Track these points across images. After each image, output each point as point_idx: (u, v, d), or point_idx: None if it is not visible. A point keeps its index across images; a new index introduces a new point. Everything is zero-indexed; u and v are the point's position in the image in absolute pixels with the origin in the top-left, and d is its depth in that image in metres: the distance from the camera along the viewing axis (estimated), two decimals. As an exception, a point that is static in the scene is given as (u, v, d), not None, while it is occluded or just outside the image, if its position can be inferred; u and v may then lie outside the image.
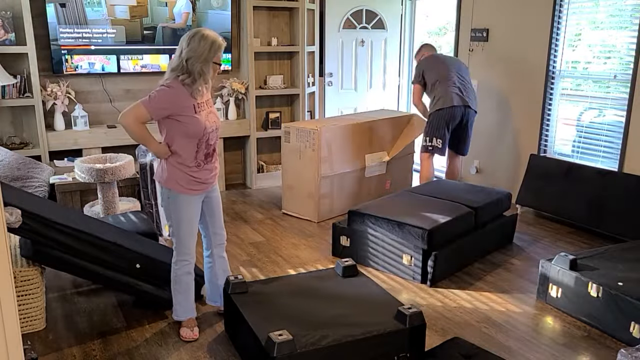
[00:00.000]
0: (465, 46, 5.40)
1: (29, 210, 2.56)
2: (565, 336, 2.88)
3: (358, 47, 6.42)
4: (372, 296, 2.73)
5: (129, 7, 4.81)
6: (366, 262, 3.74)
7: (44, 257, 2.73)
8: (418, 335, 2.48)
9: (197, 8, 5.10)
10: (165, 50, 5.07)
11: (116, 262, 2.87)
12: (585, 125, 4.52)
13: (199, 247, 2.90)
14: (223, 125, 5.36)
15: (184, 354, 2.69)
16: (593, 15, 4.37)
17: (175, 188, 2.64)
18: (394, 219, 3.53)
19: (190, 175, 2.65)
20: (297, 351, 2.22)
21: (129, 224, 3.41)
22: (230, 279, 2.76)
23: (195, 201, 2.72)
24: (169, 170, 2.64)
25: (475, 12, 5.25)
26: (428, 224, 3.42)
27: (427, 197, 4.01)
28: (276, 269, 3.68)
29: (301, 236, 4.28)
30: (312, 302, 2.66)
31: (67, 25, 4.61)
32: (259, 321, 2.44)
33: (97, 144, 4.80)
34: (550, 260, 3.20)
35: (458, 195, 4.00)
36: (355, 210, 3.78)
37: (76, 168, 3.82)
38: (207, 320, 3.01)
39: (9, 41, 4.32)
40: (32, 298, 2.81)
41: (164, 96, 2.54)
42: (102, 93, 5.02)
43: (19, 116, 4.64)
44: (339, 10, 6.21)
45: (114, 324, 2.96)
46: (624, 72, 4.17)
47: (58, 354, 2.67)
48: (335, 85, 6.42)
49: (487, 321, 3.02)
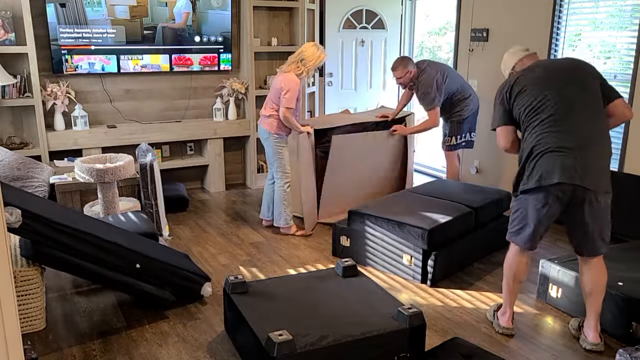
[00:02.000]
0: (465, 46, 5.40)
1: (29, 210, 2.55)
2: (565, 336, 2.88)
3: (358, 47, 6.42)
4: (372, 296, 2.73)
5: (129, 7, 4.81)
6: (366, 262, 3.74)
7: (44, 257, 2.73)
8: (418, 335, 2.48)
9: (197, 8, 5.10)
10: (165, 50, 5.07)
11: (116, 262, 2.87)
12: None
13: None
14: (223, 125, 5.38)
15: (184, 354, 2.69)
16: (593, 15, 4.37)
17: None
18: (394, 218, 3.53)
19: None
20: (297, 351, 2.22)
21: (129, 224, 3.41)
22: (230, 279, 2.76)
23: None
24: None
25: (475, 12, 5.25)
26: (428, 224, 3.42)
27: (427, 197, 4.01)
28: (276, 269, 3.68)
29: (301, 236, 4.28)
30: (312, 302, 2.66)
31: (67, 25, 4.61)
32: (259, 321, 2.44)
33: (97, 144, 4.80)
34: (550, 260, 3.21)
35: (458, 195, 4.00)
36: (355, 210, 3.78)
37: (76, 168, 3.82)
38: (207, 320, 3.01)
39: (9, 41, 4.32)
40: (32, 298, 2.81)
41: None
42: (102, 93, 5.02)
43: (19, 116, 4.64)
44: (339, 10, 6.21)
45: (114, 324, 2.96)
46: (624, 72, 4.17)
47: (58, 354, 2.67)
48: (335, 85, 6.42)
49: (487, 321, 3.02)
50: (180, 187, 5.12)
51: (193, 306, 3.16)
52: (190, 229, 4.46)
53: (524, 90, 2.64)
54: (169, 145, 5.36)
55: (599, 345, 2.70)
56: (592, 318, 2.71)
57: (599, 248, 2.63)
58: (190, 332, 2.89)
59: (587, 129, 2.53)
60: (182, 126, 5.19)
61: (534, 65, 2.74)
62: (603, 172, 2.53)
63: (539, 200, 2.57)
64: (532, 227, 2.64)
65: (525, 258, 2.78)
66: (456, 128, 4.70)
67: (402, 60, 4.55)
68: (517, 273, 2.80)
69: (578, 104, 2.56)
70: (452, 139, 4.73)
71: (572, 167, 2.47)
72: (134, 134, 4.94)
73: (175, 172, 5.37)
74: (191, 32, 5.14)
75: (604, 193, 2.54)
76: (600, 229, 2.59)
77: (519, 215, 2.69)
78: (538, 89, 2.61)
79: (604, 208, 2.57)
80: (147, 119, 5.24)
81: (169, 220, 4.53)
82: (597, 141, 2.53)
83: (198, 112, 5.50)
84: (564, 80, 2.61)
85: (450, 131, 4.73)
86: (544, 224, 2.63)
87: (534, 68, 2.71)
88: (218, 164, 5.45)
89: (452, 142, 4.74)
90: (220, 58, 5.34)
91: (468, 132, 4.73)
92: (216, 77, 5.47)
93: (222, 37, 5.29)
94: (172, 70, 5.17)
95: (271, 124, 4.10)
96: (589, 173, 2.48)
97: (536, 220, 2.61)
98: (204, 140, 5.38)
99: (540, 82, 2.63)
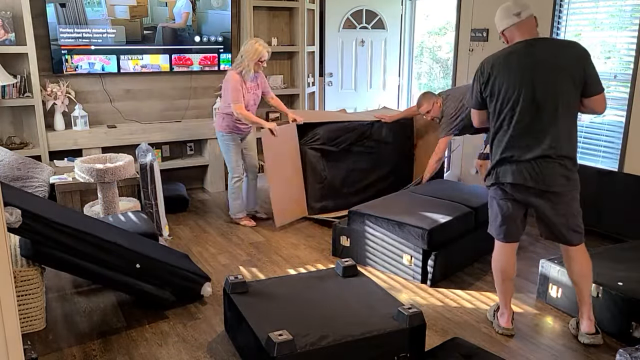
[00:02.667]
0: (465, 46, 5.40)
1: (29, 210, 2.55)
2: (565, 336, 2.88)
3: (358, 47, 6.42)
4: (372, 296, 2.73)
5: (129, 7, 4.81)
6: (366, 262, 3.74)
7: (44, 257, 2.73)
8: (418, 335, 2.48)
9: (197, 8, 5.10)
10: (165, 50, 5.07)
11: (116, 262, 2.87)
12: (585, 125, 4.51)
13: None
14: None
15: (184, 354, 2.69)
16: (593, 15, 4.37)
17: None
18: (394, 218, 3.53)
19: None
20: (297, 351, 2.22)
21: (129, 224, 3.41)
22: (230, 279, 2.76)
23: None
24: None
25: (475, 12, 5.25)
26: (428, 224, 3.42)
27: (427, 197, 4.01)
28: (276, 269, 3.68)
29: (301, 236, 4.28)
30: (312, 302, 2.66)
31: (67, 25, 4.61)
32: (259, 321, 2.44)
33: (97, 144, 4.80)
34: (550, 260, 3.21)
35: (458, 195, 4.00)
36: (355, 210, 3.78)
37: (76, 168, 3.82)
38: (207, 320, 3.01)
39: (9, 41, 4.32)
40: (32, 298, 2.81)
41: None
42: (102, 93, 5.02)
43: (19, 116, 4.64)
44: (339, 10, 6.21)
45: (114, 324, 2.96)
46: (624, 72, 4.17)
47: (58, 354, 2.67)
48: (335, 85, 6.42)
49: (487, 321, 3.02)
50: (180, 187, 5.12)
51: (193, 306, 3.16)
52: (190, 229, 4.46)
53: (496, 81, 2.60)
54: (169, 145, 5.35)
55: (595, 337, 2.73)
56: (584, 307, 2.76)
57: (571, 239, 2.70)
58: (190, 332, 2.90)
59: (553, 135, 2.54)
60: (182, 126, 5.19)
61: (516, 48, 2.58)
62: (562, 175, 2.57)
63: (499, 194, 2.72)
64: (500, 219, 2.75)
65: (508, 253, 2.81)
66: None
67: (424, 95, 4.43)
68: (504, 270, 2.82)
69: (549, 106, 2.53)
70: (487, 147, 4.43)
71: (527, 173, 2.58)
72: (134, 134, 4.94)
73: (175, 172, 5.37)
74: (191, 32, 5.14)
75: (565, 191, 2.60)
76: (566, 220, 2.66)
77: (490, 207, 2.83)
78: (511, 84, 2.56)
79: (567, 201, 2.63)
80: (147, 119, 5.24)
81: (169, 220, 4.53)
82: (560, 147, 2.55)
83: (198, 112, 5.50)
84: (541, 75, 2.52)
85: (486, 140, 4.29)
86: (511, 217, 2.72)
87: (513, 55, 2.57)
88: (218, 164, 5.44)
89: (483, 150, 4.25)
90: (220, 58, 5.35)
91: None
92: (216, 77, 5.46)
93: (222, 37, 5.29)
94: (172, 70, 5.17)
95: (217, 121, 4.34)
96: (545, 177, 2.57)
97: (502, 212, 2.73)
98: (204, 140, 5.38)
99: (514, 77, 2.55)
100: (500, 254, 2.83)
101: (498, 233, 2.80)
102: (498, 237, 2.81)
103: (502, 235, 2.78)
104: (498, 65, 2.61)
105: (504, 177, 2.65)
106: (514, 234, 2.77)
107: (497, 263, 2.85)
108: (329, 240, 4.07)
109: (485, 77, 2.65)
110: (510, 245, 2.79)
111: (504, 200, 2.71)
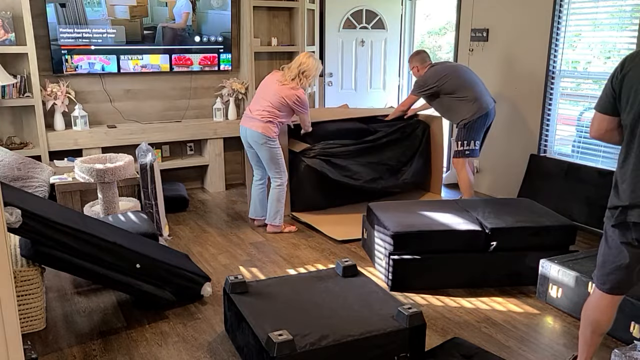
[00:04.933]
0: (465, 46, 5.40)
1: (29, 210, 2.55)
2: (565, 336, 2.88)
3: (358, 47, 6.42)
4: (372, 296, 2.73)
5: (129, 7, 4.81)
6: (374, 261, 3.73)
7: (44, 257, 2.73)
8: (418, 335, 2.48)
9: (197, 8, 5.10)
10: (165, 50, 5.07)
11: (116, 262, 2.87)
12: (585, 125, 4.52)
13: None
14: (223, 125, 5.37)
15: (184, 354, 2.69)
16: (593, 15, 4.37)
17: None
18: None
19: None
20: (297, 351, 2.22)
21: (129, 224, 3.41)
22: (230, 279, 2.76)
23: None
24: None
25: (475, 12, 5.25)
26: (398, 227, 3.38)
27: (427, 199, 4.00)
28: (276, 269, 3.68)
29: (301, 236, 4.28)
30: (312, 302, 2.66)
31: (67, 25, 4.61)
32: (259, 321, 2.44)
33: (97, 144, 4.80)
34: (550, 260, 3.20)
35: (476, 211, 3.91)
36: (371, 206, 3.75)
37: (76, 168, 3.82)
38: (207, 320, 3.01)
39: (9, 41, 4.32)
40: (32, 298, 2.81)
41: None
42: (102, 93, 5.02)
43: (19, 116, 4.64)
44: (339, 10, 6.21)
45: (114, 324, 2.96)
46: (624, 72, 4.16)
47: (58, 354, 2.67)
48: (335, 85, 6.42)
49: (487, 321, 3.02)
50: (180, 187, 5.12)
51: (193, 306, 3.16)
52: (190, 229, 4.46)
53: (631, 80, 1.96)
54: (169, 145, 5.35)
55: None
56: (591, 350, 2.36)
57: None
58: (190, 332, 2.90)
59: None
60: (182, 126, 5.19)
61: None
62: None
63: (620, 237, 2.13)
64: (612, 266, 2.18)
65: (609, 305, 2.26)
66: (460, 133, 4.48)
67: (418, 54, 4.73)
68: (597, 322, 2.29)
69: None
70: (457, 144, 4.53)
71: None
72: (134, 134, 4.94)
73: (175, 172, 5.37)
74: (191, 32, 5.14)
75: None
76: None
77: (602, 250, 2.25)
78: None
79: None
80: (147, 119, 5.24)
81: (169, 220, 4.53)
82: None
83: (198, 112, 5.50)
84: None
85: (457, 136, 4.53)
86: (629, 267, 2.15)
87: None
88: (218, 164, 5.44)
89: (457, 148, 4.53)
90: (220, 58, 5.35)
91: (472, 139, 4.47)
92: (216, 77, 5.47)
93: (222, 37, 5.29)
94: (172, 70, 5.17)
95: (268, 128, 4.05)
96: None
97: (617, 259, 2.17)
98: (204, 140, 5.38)
99: None
100: (598, 304, 2.26)
101: (603, 282, 2.20)
102: (603, 287, 2.22)
103: (609, 286, 2.19)
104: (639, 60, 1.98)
105: (636, 217, 2.02)
106: (624, 286, 2.18)
107: (591, 312, 2.28)
108: (329, 240, 4.07)
109: (622, 73, 2.01)
110: (614, 297, 2.23)
111: (626, 245, 2.09)
